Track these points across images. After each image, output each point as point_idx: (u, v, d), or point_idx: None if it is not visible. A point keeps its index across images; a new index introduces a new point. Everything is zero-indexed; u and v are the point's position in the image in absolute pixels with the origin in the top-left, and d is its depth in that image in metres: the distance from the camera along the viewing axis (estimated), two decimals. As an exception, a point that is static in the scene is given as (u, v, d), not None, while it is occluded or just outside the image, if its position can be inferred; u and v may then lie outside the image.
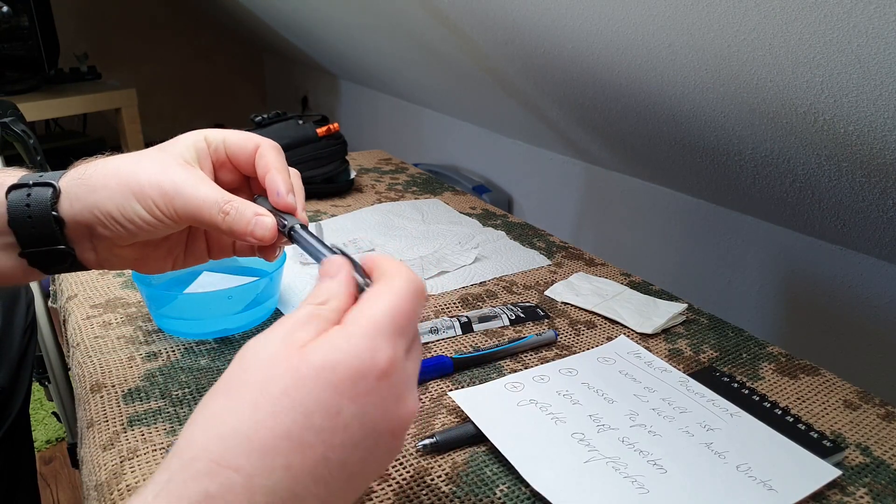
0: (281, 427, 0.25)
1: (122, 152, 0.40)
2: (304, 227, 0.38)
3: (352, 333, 0.27)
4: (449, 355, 0.53)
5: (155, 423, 0.46)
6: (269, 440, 0.25)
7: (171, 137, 0.41)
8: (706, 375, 0.52)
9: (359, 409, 0.26)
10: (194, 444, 0.25)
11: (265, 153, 0.41)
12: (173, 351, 0.54)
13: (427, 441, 0.44)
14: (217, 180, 0.41)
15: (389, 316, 0.28)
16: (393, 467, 0.42)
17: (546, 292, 0.66)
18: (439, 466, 0.43)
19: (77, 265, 0.40)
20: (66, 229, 0.38)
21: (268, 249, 0.42)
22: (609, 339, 0.58)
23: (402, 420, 0.28)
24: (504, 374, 0.52)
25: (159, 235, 0.40)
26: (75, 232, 0.39)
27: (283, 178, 0.40)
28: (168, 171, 0.38)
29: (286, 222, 0.38)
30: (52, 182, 0.38)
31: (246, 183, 0.43)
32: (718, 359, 0.56)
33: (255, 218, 0.38)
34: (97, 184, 0.37)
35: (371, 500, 0.40)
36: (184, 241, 0.43)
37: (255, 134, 0.42)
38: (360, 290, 0.31)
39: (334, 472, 0.26)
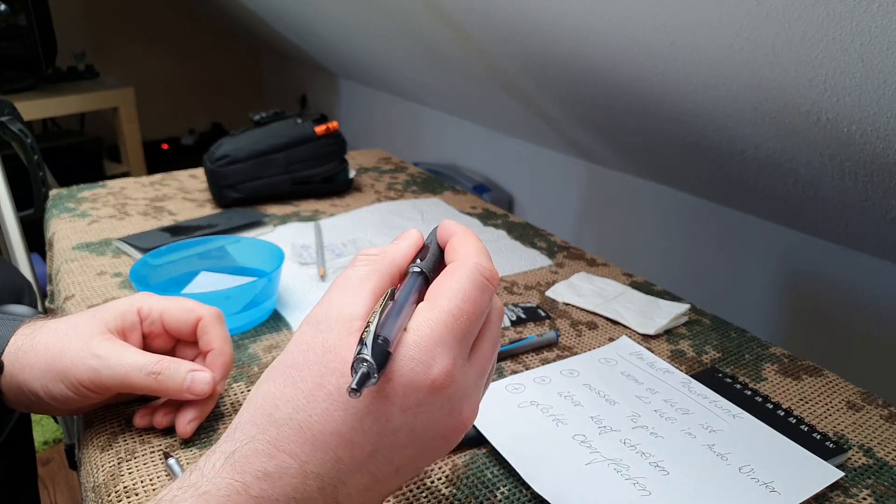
0: (332, 425, 0.27)
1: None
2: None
3: (409, 343, 0.27)
4: (449, 356, 0.53)
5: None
6: (320, 435, 0.27)
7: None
8: (708, 376, 0.52)
9: (409, 419, 0.27)
10: (255, 423, 0.27)
11: (208, 328, 0.42)
12: (171, 352, 0.54)
13: (427, 443, 0.43)
14: (148, 347, 0.43)
15: (451, 321, 0.28)
16: (393, 469, 0.42)
17: (547, 293, 0.66)
18: (439, 469, 0.42)
19: (6, 411, 0.43)
20: (4, 396, 0.42)
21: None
22: (611, 339, 0.58)
23: (454, 429, 0.29)
24: (505, 376, 0.52)
25: (87, 405, 0.42)
26: (8, 396, 0.42)
27: (221, 363, 0.42)
28: (92, 346, 0.39)
29: None
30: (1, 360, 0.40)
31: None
32: (721, 360, 0.56)
33: (190, 374, 0.39)
34: (25, 364, 0.40)
35: (371, 502, 0.39)
36: (115, 396, 0.45)
37: (194, 303, 0.43)
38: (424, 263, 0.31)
39: (381, 466, 0.28)
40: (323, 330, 0.28)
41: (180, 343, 0.45)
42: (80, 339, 0.40)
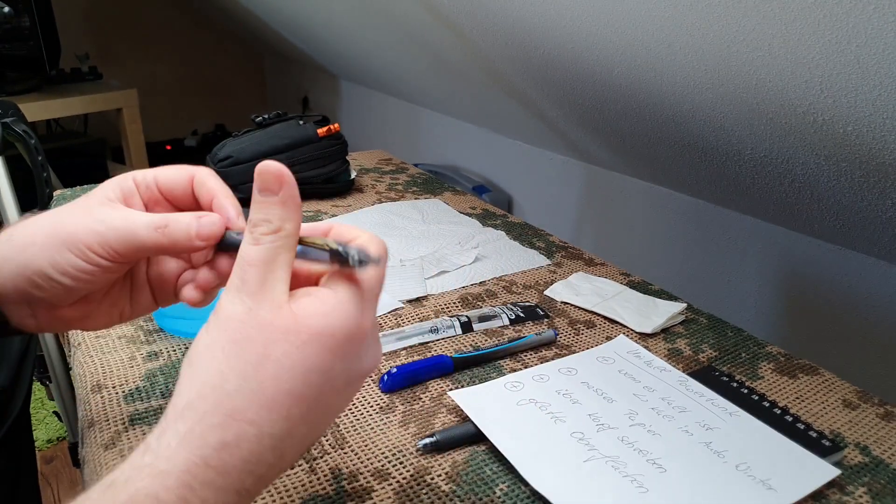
0: (284, 386, 0.29)
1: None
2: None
3: (343, 300, 0.30)
4: (449, 355, 0.53)
5: (156, 423, 0.45)
6: (273, 396, 0.28)
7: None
8: (705, 375, 0.52)
9: (346, 365, 0.30)
10: (205, 397, 0.28)
11: (204, 180, 0.40)
12: (174, 350, 0.54)
13: (427, 440, 0.44)
14: None
15: (374, 281, 0.31)
16: (393, 466, 0.42)
17: (546, 292, 0.67)
18: (439, 466, 0.43)
19: (11, 331, 0.39)
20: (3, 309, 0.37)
21: (223, 269, 0.39)
22: (608, 338, 0.58)
23: (372, 367, 0.33)
24: (504, 374, 0.52)
25: (99, 284, 0.38)
26: (9, 298, 0.37)
27: (231, 203, 0.39)
28: (95, 212, 0.37)
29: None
30: None
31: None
32: (718, 358, 0.56)
33: (197, 221, 0.37)
34: (24, 242, 0.36)
35: (371, 499, 0.40)
36: (127, 292, 0.42)
37: (186, 165, 0.41)
38: (347, 257, 0.31)
39: (319, 413, 0.31)
40: (253, 308, 0.30)
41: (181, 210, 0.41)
42: (81, 209, 0.37)
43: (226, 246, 0.37)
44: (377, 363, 0.33)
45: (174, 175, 0.40)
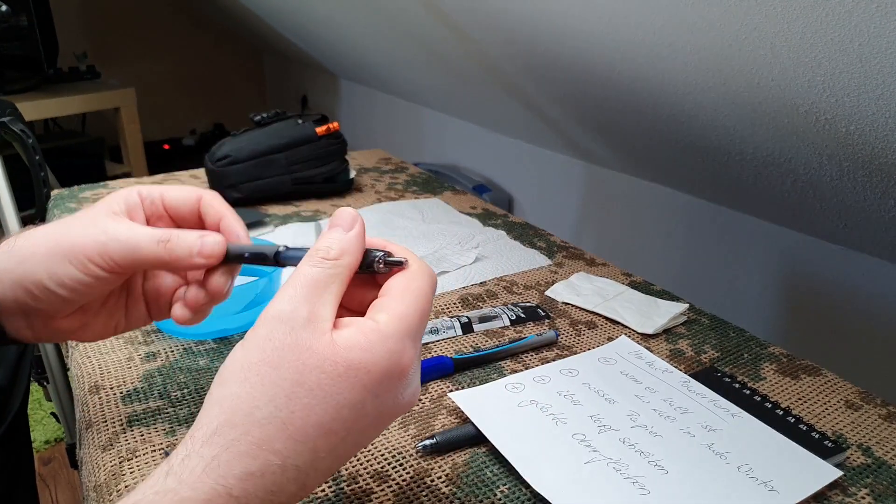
0: (314, 418, 0.28)
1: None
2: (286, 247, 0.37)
3: (387, 336, 0.30)
4: (449, 356, 0.53)
5: (154, 424, 0.45)
6: (302, 428, 0.28)
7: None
8: (707, 376, 0.52)
9: (380, 402, 0.30)
10: (234, 425, 0.28)
11: (212, 201, 0.40)
12: (172, 351, 0.54)
13: (427, 442, 0.43)
14: None
15: (418, 318, 0.31)
16: (393, 468, 0.42)
17: (547, 292, 0.66)
18: (439, 467, 0.42)
19: (7, 341, 0.39)
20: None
21: (215, 288, 0.39)
22: (610, 339, 0.58)
23: (408, 405, 0.32)
24: (504, 375, 0.52)
25: (95, 295, 0.39)
26: (6, 309, 0.37)
27: (240, 224, 0.40)
28: (98, 223, 0.37)
29: (273, 250, 0.37)
30: None
31: None
32: (720, 359, 0.56)
33: (201, 239, 0.37)
34: (25, 254, 0.36)
35: (371, 501, 0.40)
36: (123, 305, 0.42)
37: (193, 186, 0.41)
38: (373, 259, 0.32)
39: (346, 446, 0.30)
40: (296, 328, 0.29)
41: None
42: (85, 220, 0.38)
43: (229, 259, 0.38)
44: (414, 401, 0.33)
45: (182, 194, 0.41)
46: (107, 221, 0.37)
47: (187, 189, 0.41)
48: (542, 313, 0.62)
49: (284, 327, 0.29)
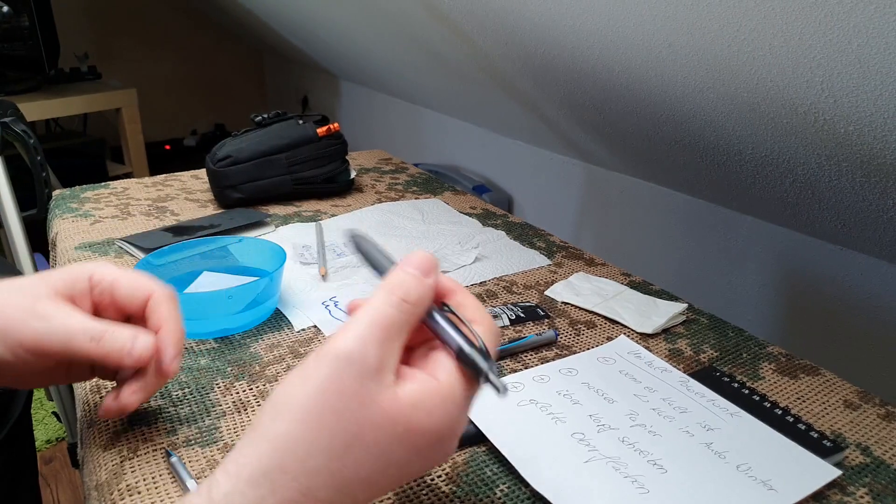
0: (363, 474, 0.29)
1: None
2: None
3: (447, 400, 0.30)
4: (449, 355, 0.53)
5: (155, 423, 0.46)
6: (349, 480, 0.28)
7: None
8: (706, 375, 0.52)
9: (424, 460, 0.31)
10: (285, 471, 0.28)
11: (158, 306, 0.40)
12: (174, 351, 0.54)
13: (427, 441, 0.43)
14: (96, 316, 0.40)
15: (472, 392, 0.31)
16: (393, 467, 0.42)
17: (546, 292, 0.66)
18: (439, 467, 0.43)
19: None
20: None
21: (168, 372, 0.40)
22: (609, 338, 0.58)
23: (444, 460, 0.33)
24: (504, 374, 0.52)
25: (29, 372, 0.39)
26: None
27: (174, 341, 0.40)
28: (37, 308, 0.37)
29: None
30: None
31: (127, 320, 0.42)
32: (718, 359, 0.56)
33: (133, 341, 0.37)
34: None
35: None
36: (64, 369, 0.42)
37: (148, 279, 0.41)
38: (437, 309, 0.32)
39: (383, 491, 0.31)
40: (364, 376, 0.28)
41: (133, 319, 0.42)
42: (24, 300, 0.37)
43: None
44: (452, 453, 0.33)
45: (132, 291, 0.40)
46: (46, 306, 0.37)
47: (140, 283, 0.41)
48: (542, 313, 0.62)
49: (352, 371, 0.28)
